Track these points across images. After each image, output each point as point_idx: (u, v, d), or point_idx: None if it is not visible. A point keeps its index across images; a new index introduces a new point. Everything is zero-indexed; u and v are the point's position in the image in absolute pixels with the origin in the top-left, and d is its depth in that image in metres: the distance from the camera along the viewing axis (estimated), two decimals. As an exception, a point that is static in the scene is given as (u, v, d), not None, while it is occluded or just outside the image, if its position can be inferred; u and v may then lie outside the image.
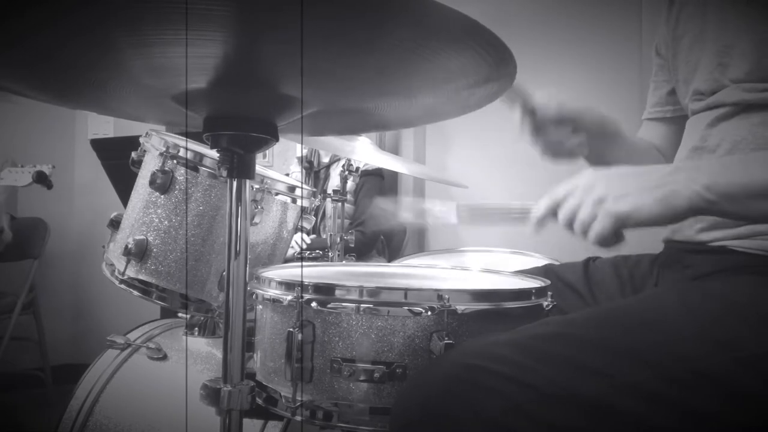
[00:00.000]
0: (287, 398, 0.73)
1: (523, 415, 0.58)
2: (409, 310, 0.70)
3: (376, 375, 0.70)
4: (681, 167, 0.71)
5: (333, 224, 1.64)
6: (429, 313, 0.70)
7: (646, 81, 1.14)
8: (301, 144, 2.16)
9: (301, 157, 2.48)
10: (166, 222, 1.08)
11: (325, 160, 2.48)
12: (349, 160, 2.06)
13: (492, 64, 0.61)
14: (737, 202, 0.66)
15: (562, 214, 0.72)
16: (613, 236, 0.69)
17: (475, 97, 0.72)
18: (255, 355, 0.82)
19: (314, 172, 2.50)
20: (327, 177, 2.46)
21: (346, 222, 2.32)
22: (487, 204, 0.85)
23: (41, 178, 2.40)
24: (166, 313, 1.92)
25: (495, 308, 0.73)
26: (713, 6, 0.90)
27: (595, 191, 0.69)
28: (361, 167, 2.32)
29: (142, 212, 1.10)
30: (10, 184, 2.42)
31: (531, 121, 0.97)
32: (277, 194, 1.15)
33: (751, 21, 0.83)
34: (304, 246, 2.23)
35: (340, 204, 1.64)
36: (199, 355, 1.18)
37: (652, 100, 1.11)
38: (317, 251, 2.08)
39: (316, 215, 2.39)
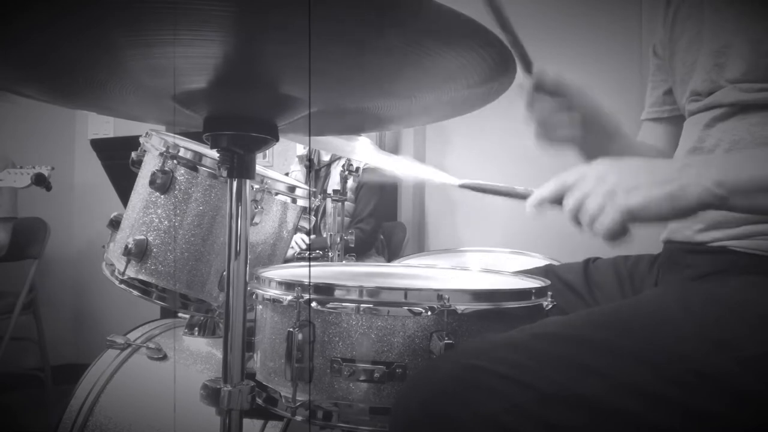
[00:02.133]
0: (287, 398, 0.73)
1: (523, 415, 0.58)
2: (409, 310, 0.70)
3: (376, 375, 0.70)
4: (691, 162, 0.70)
5: (333, 224, 1.64)
6: (429, 313, 0.70)
7: (646, 81, 1.14)
8: (309, 143, 2.16)
9: (307, 155, 2.49)
10: (166, 222, 1.08)
11: (326, 158, 2.49)
12: (349, 160, 2.06)
13: (492, 64, 0.61)
14: (747, 196, 0.65)
15: (570, 201, 0.69)
16: (621, 231, 0.66)
17: (475, 97, 0.72)
18: (255, 355, 0.82)
19: (315, 170, 2.51)
20: (327, 175, 2.48)
21: (347, 220, 2.33)
22: (489, 184, 0.84)
23: (40, 180, 2.39)
24: (166, 313, 1.92)
25: (495, 308, 0.73)
26: (710, 7, 0.90)
27: (607, 181, 0.67)
28: (362, 166, 2.32)
29: (142, 212, 1.10)
30: (9, 186, 2.42)
31: (527, 84, 0.95)
32: (277, 194, 1.15)
33: (748, 21, 0.83)
34: (304, 246, 2.23)
35: (339, 204, 1.64)
36: (199, 355, 1.18)
37: (649, 100, 1.11)
38: (317, 251, 2.08)
39: (316, 215, 2.40)
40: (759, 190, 0.65)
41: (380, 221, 2.52)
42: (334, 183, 2.39)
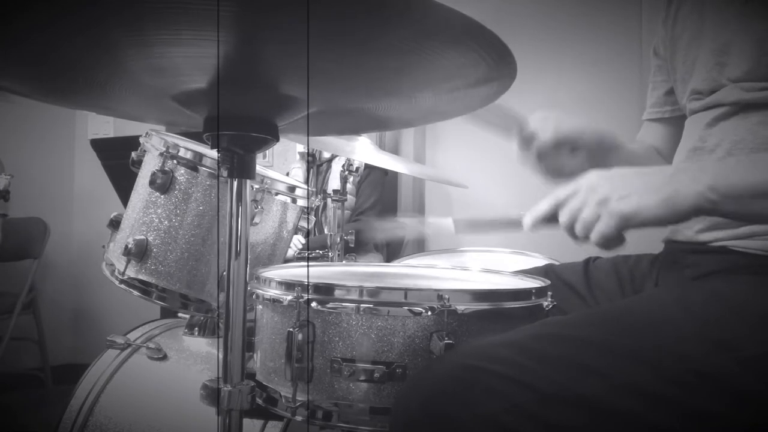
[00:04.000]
0: (287, 398, 0.73)
1: (523, 415, 0.58)
2: (409, 310, 0.70)
3: (376, 375, 0.70)
4: (684, 168, 0.71)
5: (333, 223, 1.64)
6: (429, 313, 0.70)
7: (646, 81, 1.15)
8: (308, 144, 2.17)
9: (308, 151, 2.50)
10: (166, 222, 1.08)
11: (327, 154, 2.50)
12: (349, 159, 2.07)
13: (492, 64, 0.61)
14: (740, 202, 0.66)
15: (564, 215, 0.71)
16: (616, 237, 0.68)
17: (475, 97, 0.72)
18: (255, 355, 0.82)
19: (316, 166, 2.52)
20: (329, 170, 2.49)
21: (347, 214, 2.34)
22: (483, 217, 0.86)
23: None
24: (166, 313, 1.92)
25: (495, 308, 0.73)
26: (711, 5, 0.90)
27: (599, 191, 0.69)
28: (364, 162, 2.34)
29: (142, 212, 1.10)
30: None
31: (530, 148, 0.98)
32: (277, 194, 1.15)
33: (750, 19, 0.83)
34: (300, 248, 2.24)
35: (340, 204, 1.64)
36: (199, 355, 1.18)
37: (650, 100, 1.11)
38: (317, 251, 2.08)
39: (317, 213, 2.40)
40: (752, 196, 0.65)
41: (381, 216, 2.53)
42: (335, 178, 2.40)
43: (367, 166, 2.41)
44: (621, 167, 0.73)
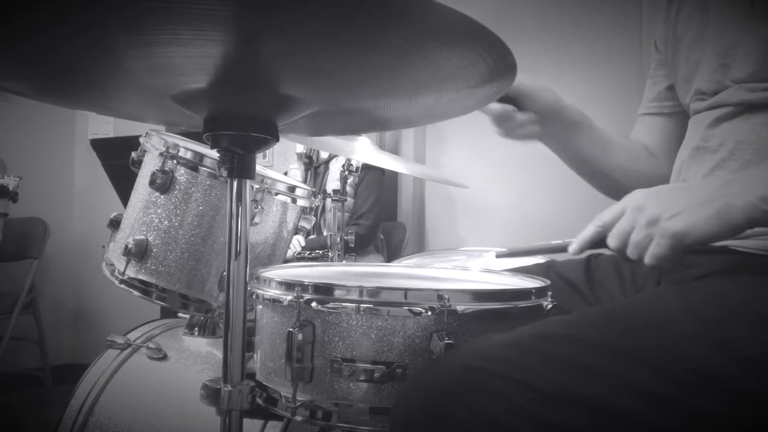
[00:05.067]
0: (287, 398, 0.73)
1: (523, 415, 0.58)
2: (409, 310, 0.70)
3: (376, 375, 0.70)
4: (732, 179, 0.68)
5: (333, 223, 1.64)
6: (429, 313, 0.70)
7: (646, 80, 1.14)
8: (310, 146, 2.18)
9: (306, 152, 2.49)
10: (166, 222, 1.08)
11: (324, 155, 2.49)
12: (349, 160, 2.06)
13: (492, 64, 0.61)
14: None
15: (614, 239, 0.69)
16: (672, 258, 0.66)
17: (476, 97, 0.72)
18: (255, 355, 0.82)
19: (314, 167, 2.52)
20: (326, 171, 2.48)
21: (347, 216, 2.34)
22: (525, 246, 0.85)
23: (3, 192, 2.36)
24: (166, 313, 1.92)
25: (495, 308, 0.73)
26: (714, 6, 0.90)
27: (647, 211, 0.67)
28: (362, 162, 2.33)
29: (142, 212, 1.10)
30: None
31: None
32: (277, 194, 1.15)
33: (754, 21, 0.83)
34: (300, 249, 2.24)
35: (339, 204, 1.64)
36: (199, 355, 1.18)
37: (649, 95, 1.10)
38: (317, 251, 2.08)
39: (316, 214, 2.40)
40: None
41: (380, 217, 2.53)
42: (332, 180, 2.39)
43: (364, 167, 2.40)
44: (664, 185, 0.71)
